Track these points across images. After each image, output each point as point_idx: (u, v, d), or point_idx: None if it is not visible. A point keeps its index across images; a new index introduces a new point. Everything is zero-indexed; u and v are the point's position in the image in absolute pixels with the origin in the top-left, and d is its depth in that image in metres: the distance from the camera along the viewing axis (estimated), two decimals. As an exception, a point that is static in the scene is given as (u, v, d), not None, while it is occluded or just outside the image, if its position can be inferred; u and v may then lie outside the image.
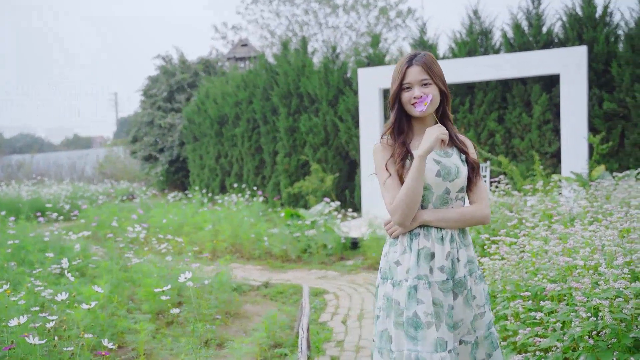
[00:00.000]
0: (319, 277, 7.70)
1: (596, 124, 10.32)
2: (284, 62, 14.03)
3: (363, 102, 11.72)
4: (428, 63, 2.53)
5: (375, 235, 8.26)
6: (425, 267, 2.47)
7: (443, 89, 2.55)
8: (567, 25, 10.88)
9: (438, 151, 2.56)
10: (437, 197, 2.54)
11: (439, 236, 2.51)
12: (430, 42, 12.25)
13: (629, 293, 2.84)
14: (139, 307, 5.66)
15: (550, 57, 10.10)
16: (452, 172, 2.53)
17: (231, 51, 25.95)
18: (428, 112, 2.53)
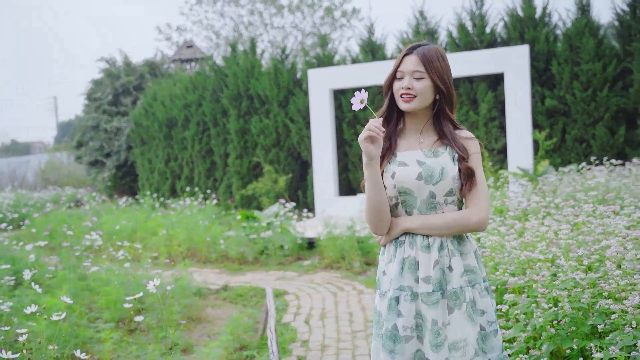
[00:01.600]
0: (277, 278, 7.75)
1: (539, 121, 10.71)
2: (233, 64, 13.99)
3: (314, 103, 11.81)
4: (428, 56, 2.30)
5: (331, 235, 8.36)
6: (410, 278, 2.29)
7: (440, 85, 2.31)
8: (509, 26, 11.25)
9: (426, 151, 2.35)
10: (422, 202, 2.32)
11: (425, 244, 2.30)
12: (378, 42, 12.45)
13: (585, 283, 3.02)
14: (99, 315, 5.59)
15: (494, 57, 10.44)
16: (436, 175, 2.29)
17: (176, 53, 25.64)
18: (414, 108, 2.32)
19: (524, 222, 4.26)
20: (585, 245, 3.45)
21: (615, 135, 10.31)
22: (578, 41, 10.57)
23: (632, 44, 10.30)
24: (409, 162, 2.34)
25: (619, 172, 7.30)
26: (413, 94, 2.30)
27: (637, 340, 2.52)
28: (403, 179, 2.31)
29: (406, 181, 2.31)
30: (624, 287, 2.84)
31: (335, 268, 8.14)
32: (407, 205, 2.35)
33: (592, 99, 10.40)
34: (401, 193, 2.33)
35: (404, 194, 2.33)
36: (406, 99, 2.31)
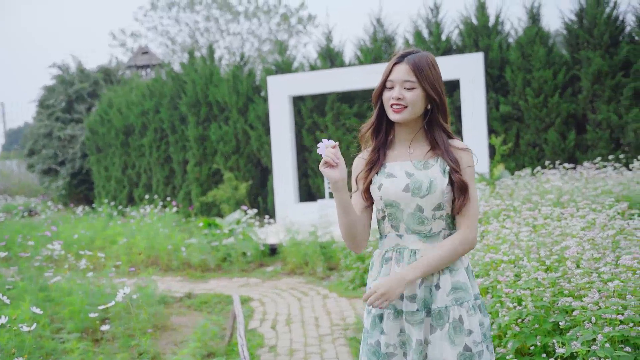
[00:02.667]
0: (241, 285, 7.76)
1: (494, 126, 11.00)
2: (191, 71, 13.93)
3: (273, 109, 11.87)
4: (419, 65, 2.20)
5: (294, 240, 8.42)
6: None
7: (433, 95, 2.21)
8: (464, 33, 11.54)
9: (416, 162, 2.26)
10: (409, 216, 2.23)
11: (413, 260, 2.21)
12: (337, 49, 12.59)
13: (547, 283, 3.16)
14: (62, 326, 5.51)
15: (450, 63, 10.69)
16: (424, 187, 2.19)
17: (132, 59, 25.33)
18: (405, 119, 2.23)
19: (486, 225, 4.41)
20: (545, 247, 3.60)
21: (566, 139, 10.68)
22: (530, 49, 10.92)
23: (579, 52, 10.70)
24: (397, 173, 2.25)
25: (571, 175, 7.58)
26: (404, 105, 2.20)
27: (596, 335, 2.66)
28: (389, 191, 2.23)
29: (392, 193, 2.22)
30: (582, 285, 2.99)
31: (299, 274, 8.20)
32: (394, 219, 2.26)
33: (543, 105, 10.75)
34: (387, 205, 2.25)
35: (390, 207, 2.24)
36: (396, 110, 2.21)
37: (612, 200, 4.67)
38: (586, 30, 10.70)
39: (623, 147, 10.47)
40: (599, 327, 2.72)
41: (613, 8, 10.62)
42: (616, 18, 10.65)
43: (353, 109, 12.03)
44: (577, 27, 10.86)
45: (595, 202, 5.16)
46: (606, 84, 10.35)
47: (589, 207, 4.40)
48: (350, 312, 6.04)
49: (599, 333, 2.63)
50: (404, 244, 2.25)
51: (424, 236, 2.23)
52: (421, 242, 2.23)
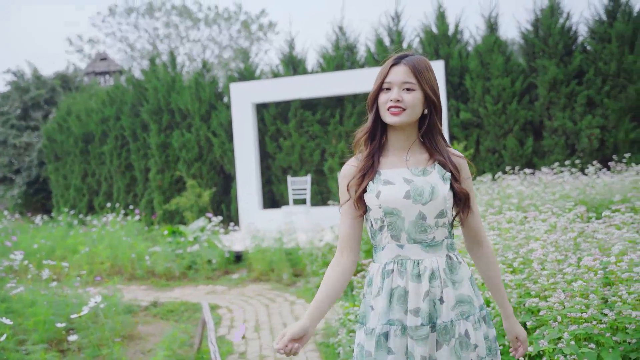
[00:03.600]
0: (207, 293, 7.73)
1: (455, 133, 11.22)
2: (153, 78, 13.82)
3: (236, 116, 11.87)
4: (419, 66, 2.11)
5: (260, 247, 8.43)
6: (399, 310, 2.09)
7: (432, 97, 2.12)
8: (425, 42, 11.76)
9: (413, 169, 2.14)
10: (411, 224, 2.09)
11: (415, 272, 2.09)
12: (299, 57, 12.66)
13: (513, 284, 3.27)
14: (27, 337, 5.41)
15: (411, 72, 10.85)
16: (426, 193, 2.08)
17: (90, 65, 24.98)
18: (402, 122, 2.10)
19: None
20: (511, 250, 3.72)
21: (524, 145, 10.97)
22: (488, 57, 11.19)
23: (536, 60, 11.02)
24: (394, 180, 2.12)
25: (530, 180, 7.80)
26: (402, 107, 2.08)
27: (562, 333, 2.77)
28: (389, 199, 2.09)
29: (393, 200, 2.09)
30: (547, 286, 3.10)
31: (265, 280, 8.21)
32: (394, 229, 2.11)
33: (502, 112, 11.02)
34: (387, 214, 2.10)
35: (390, 215, 2.10)
36: (395, 112, 2.09)
37: (572, 204, 4.84)
38: (542, 40, 11.03)
39: (578, 152, 10.81)
40: (564, 325, 2.83)
41: (566, 19, 10.98)
42: (569, 28, 11.02)
43: (316, 116, 12.12)
44: (533, 36, 11.18)
45: (555, 206, 5.33)
46: (561, 92, 10.68)
47: (551, 210, 4.55)
48: (318, 318, 6.09)
49: (565, 331, 2.74)
50: (406, 255, 2.11)
51: (426, 245, 2.10)
52: (424, 252, 2.10)
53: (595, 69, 10.65)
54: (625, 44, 10.49)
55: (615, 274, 3.06)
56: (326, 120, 12.19)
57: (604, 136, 10.55)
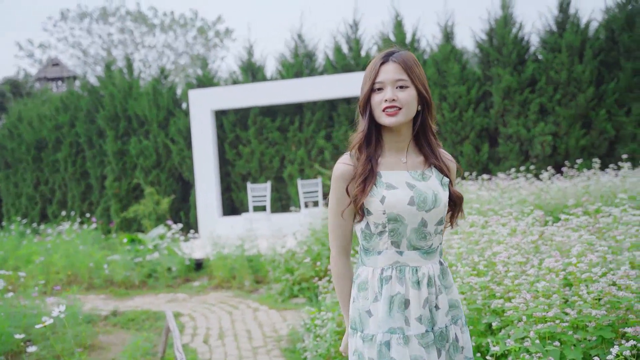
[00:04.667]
0: (168, 301, 7.65)
1: (413, 139, 11.40)
2: (109, 84, 13.60)
3: (195, 123, 11.79)
4: (408, 62, 2.03)
5: (221, 254, 8.38)
6: (400, 318, 2.03)
7: (425, 94, 2.05)
8: (383, 49, 11.87)
9: (412, 172, 2.08)
10: (412, 232, 2.04)
11: (415, 279, 2.04)
12: (258, 63, 12.67)
13: (478, 287, 3.36)
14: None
15: (370, 79, 10.99)
16: (429, 200, 2.03)
17: (41, 71, 24.39)
18: (400, 122, 2.02)
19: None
20: (474, 253, 3.82)
21: (480, 152, 11.22)
22: (445, 66, 11.42)
23: (490, 69, 11.30)
24: (397, 184, 2.05)
25: (487, 186, 7.99)
26: (398, 106, 2.01)
27: (528, 332, 2.86)
28: (394, 204, 2.01)
29: (397, 207, 2.01)
30: (512, 287, 3.20)
31: (226, 288, 8.17)
32: (396, 235, 2.04)
33: (459, 119, 11.25)
34: (390, 220, 2.02)
35: (393, 222, 2.02)
36: (391, 113, 2.01)
37: (531, 208, 4.99)
38: (496, 49, 11.32)
39: (531, 158, 11.11)
40: (529, 325, 2.93)
41: (519, 29, 11.30)
42: (522, 38, 11.34)
43: (276, 123, 12.13)
44: (487, 45, 11.47)
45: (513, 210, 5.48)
46: (515, 100, 10.97)
47: (511, 215, 4.68)
48: (282, 324, 6.10)
49: (531, 330, 2.84)
50: (405, 262, 2.05)
51: (424, 252, 2.06)
52: (422, 259, 2.06)
53: (547, 77, 10.98)
54: (574, 54, 10.86)
55: (575, 275, 3.18)
56: (286, 127, 12.22)
57: (555, 143, 10.87)
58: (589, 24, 11.08)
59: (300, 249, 7.25)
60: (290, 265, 7.25)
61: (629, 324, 2.82)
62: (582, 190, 6.72)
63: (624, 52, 10.84)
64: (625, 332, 2.74)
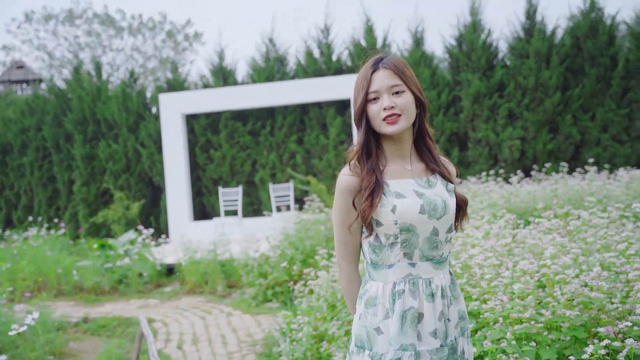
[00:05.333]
0: (140, 307, 7.57)
1: (384, 144, 11.49)
2: (77, 87, 13.41)
3: (165, 127, 11.70)
4: (399, 66, 1.98)
5: (193, 259, 8.33)
6: (412, 334, 1.94)
7: (420, 96, 2.00)
8: (354, 54, 11.99)
9: (419, 180, 2.02)
10: (425, 241, 1.96)
11: (429, 292, 1.96)
12: (229, 67, 12.63)
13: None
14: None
15: (341, 83, 11.08)
16: (439, 207, 1.97)
17: (5, 73, 23.93)
18: (402, 129, 1.97)
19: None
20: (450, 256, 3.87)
21: (450, 156, 11.35)
22: (415, 70, 11.53)
23: (460, 74, 11.45)
24: (405, 192, 1.98)
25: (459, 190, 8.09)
26: (398, 113, 1.95)
27: (505, 333, 2.92)
28: (405, 214, 1.93)
29: (409, 216, 1.93)
30: (487, 290, 3.26)
31: (199, 293, 8.12)
32: (408, 246, 1.96)
33: (429, 124, 11.35)
34: (403, 231, 1.94)
35: (406, 232, 1.94)
36: (392, 120, 1.95)
37: (504, 211, 5.07)
38: (465, 55, 11.48)
39: (500, 162, 11.29)
40: (505, 326, 2.98)
41: (488, 35, 11.48)
42: (491, 44, 11.53)
43: (247, 127, 12.11)
44: (457, 51, 11.62)
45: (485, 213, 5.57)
46: (484, 105, 11.14)
47: (483, 218, 4.76)
48: (256, 329, 6.09)
49: (507, 331, 2.89)
50: (417, 274, 1.97)
51: (436, 262, 1.99)
52: (434, 270, 1.98)
53: (515, 83, 11.18)
54: (541, 60, 11.07)
55: (548, 277, 3.24)
56: (257, 131, 12.20)
57: (524, 147, 11.07)
58: (555, 30, 11.32)
59: (274, 253, 7.24)
60: (264, 270, 7.24)
61: (601, 324, 2.89)
62: (551, 194, 6.85)
63: (588, 59, 11.10)
64: (598, 331, 2.81)
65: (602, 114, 10.87)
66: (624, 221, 4.48)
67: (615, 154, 10.81)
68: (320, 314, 4.22)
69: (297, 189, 11.57)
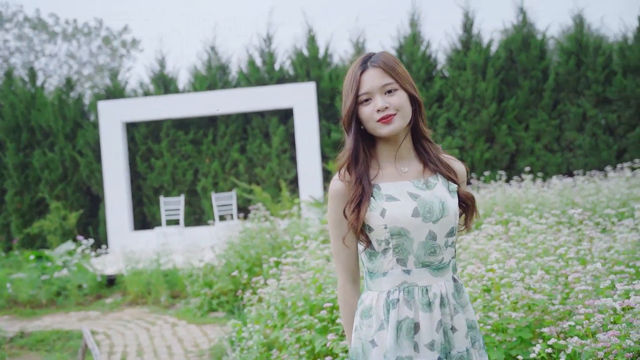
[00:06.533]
0: (80, 319, 7.37)
1: (327, 152, 11.60)
2: (9, 93, 12.94)
3: (105, 135, 11.46)
4: (389, 63, 1.88)
5: (136, 269, 8.17)
6: (408, 345, 1.84)
7: (414, 93, 1.90)
8: (297, 64, 12.07)
9: (415, 181, 1.90)
10: (420, 246, 1.85)
11: (425, 301, 1.84)
12: (171, 75, 12.49)
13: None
14: None
15: (284, 92, 11.14)
16: (436, 210, 1.85)
17: None
18: (398, 129, 1.87)
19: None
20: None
21: (391, 165, 11.56)
22: (357, 81, 11.69)
23: (401, 84, 11.69)
24: (398, 195, 1.87)
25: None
26: (392, 113, 1.85)
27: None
28: (396, 217, 1.84)
29: (400, 219, 1.83)
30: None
31: (141, 303, 7.97)
32: (401, 251, 1.86)
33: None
34: (394, 235, 1.85)
35: (397, 237, 1.84)
36: (387, 121, 1.85)
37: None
38: (406, 66, 11.74)
39: (440, 171, 11.56)
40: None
41: (427, 46, 11.79)
42: (430, 56, 11.84)
43: (189, 136, 11.99)
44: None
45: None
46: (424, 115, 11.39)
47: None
48: (203, 339, 6.03)
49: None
50: (413, 281, 1.86)
51: (435, 268, 1.87)
52: (432, 277, 1.87)
53: (453, 93, 11.51)
54: (478, 72, 11.45)
55: (494, 281, 3.37)
56: (199, 140, 12.10)
57: (462, 156, 11.39)
58: (490, 43, 11.73)
59: (219, 262, 7.20)
60: (209, 279, 7.19)
61: (545, 324, 3.03)
62: (491, 201, 7.09)
63: (521, 71, 11.55)
64: (542, 332, 2.95)
65: (535, 125, 11.32)
66: (560, 227, 4.70)
67: (548, 162, 11.27)
68: (272, 321, 4.23)
69: (240, 197, 11.53)
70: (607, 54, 11.32)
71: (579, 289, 2.94)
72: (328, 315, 3.74)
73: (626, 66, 11.13)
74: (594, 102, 11.24)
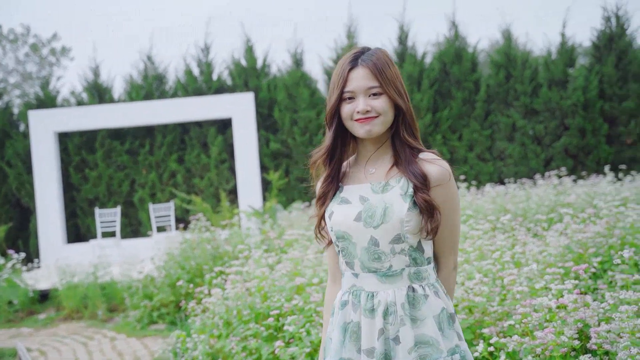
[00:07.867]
0: (11, 336, 7.11)
1: (266, 162, 11.62)
2: None
3: (36, 146, 11.12)
4: (379, 65, 1.83)
5: (71, 283, 7.95)
6: (352, 348, 1.85)
7: (398, 101, 1.84)
8: (235, 74, 12.07)
9: (375, 184, 1.87)
10: (363, 251, 1.84)
11: (369, 306, 1.82)
12: (105, 84, 12.25)
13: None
14: None
15: (222, 102, 11.12)
16: (377, 215, 1.81)
17: None
18: (378, 132, 1.85)
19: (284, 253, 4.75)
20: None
21: (330, 174, 11.69)
22: (295, 91, 11.81)
23: (339, 95, 11.86)
24: (351, 198, 1.88)
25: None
26: (373, 116, 1.83)
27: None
28: (339, 221, 1.86)
29: (343, 223, 1.85)
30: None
31: (77, 318, 7.76)
32: (347, 255, 1.87)
33: (309, 143, 11.66)
34: (339, 238, 1.87)
35: (342, 240, 1.86)
36: (364, 122, 1.83)
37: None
38: (343, 76, 11.91)
39: (377, 180, 11.79)
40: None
41: (364, 58, 12.00)
42: (367, 67, 12.05)
43: (125, 146, 11.77)
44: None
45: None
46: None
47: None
48: (144, 351, 5.94)
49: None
50: (361, 285, 1.86)
51: (382, 275, 1.83)
52: (380, 283, 1.83)
53: (389, 104, 11.74)
54: (413, 83, 11.75)
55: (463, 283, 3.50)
56: (136, 150, 11.90)
57: (399, 165, 11.64)
58: (424, 56, 12.06)
59: (159, 274, 7.10)
60: (149, 291, 7.08)
61: (485, 325, 3.17)
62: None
63: (454, 83, 11.93)
64: (483, 332, 3.08)
65: (468, 135, 11.70)
66: (496, 232, 4.90)
67: (480, 171, 11.67)
68: (217, 331, 4.23)
69: (179, 208, 11.40)
70: (534, 67, 11.84)
71: (516, 290, 3.09)
72: (274, 322, 3.77)
73: (551, 79, 11.67)
74: (522, 113, 11.72)
